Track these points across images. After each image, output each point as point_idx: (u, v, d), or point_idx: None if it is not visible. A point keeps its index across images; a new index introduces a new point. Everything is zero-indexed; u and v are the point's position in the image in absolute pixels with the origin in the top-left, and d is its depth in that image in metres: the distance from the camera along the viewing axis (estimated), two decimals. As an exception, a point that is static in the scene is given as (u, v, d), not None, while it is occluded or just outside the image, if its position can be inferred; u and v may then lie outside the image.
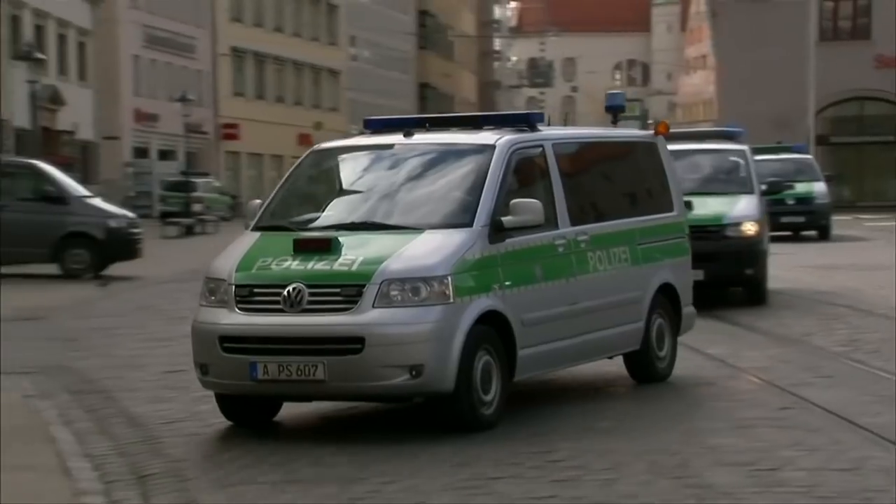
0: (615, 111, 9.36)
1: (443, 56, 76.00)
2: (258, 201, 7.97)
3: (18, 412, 8.42)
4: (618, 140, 9.15)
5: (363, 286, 6.24)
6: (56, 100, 38.63)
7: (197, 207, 40.15)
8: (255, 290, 6.58)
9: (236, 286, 6.57)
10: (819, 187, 26.13)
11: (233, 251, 7.16)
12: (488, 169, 6.82)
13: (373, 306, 6.22)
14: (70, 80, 42.48)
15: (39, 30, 39.42)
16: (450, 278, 6.27)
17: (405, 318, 6.26)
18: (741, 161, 14.22)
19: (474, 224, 6.54)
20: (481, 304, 6.39)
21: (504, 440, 6.91)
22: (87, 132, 43.52)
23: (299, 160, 8.15)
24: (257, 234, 7.12)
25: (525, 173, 7.36)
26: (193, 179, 42.89)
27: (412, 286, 6.26)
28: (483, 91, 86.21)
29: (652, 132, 8.95)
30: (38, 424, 7.98)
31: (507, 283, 6.62)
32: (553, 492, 5.56)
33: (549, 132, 7.83)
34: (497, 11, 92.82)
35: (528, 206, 6.65)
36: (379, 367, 6.22)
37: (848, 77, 41.57)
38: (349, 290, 6.30)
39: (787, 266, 18.56)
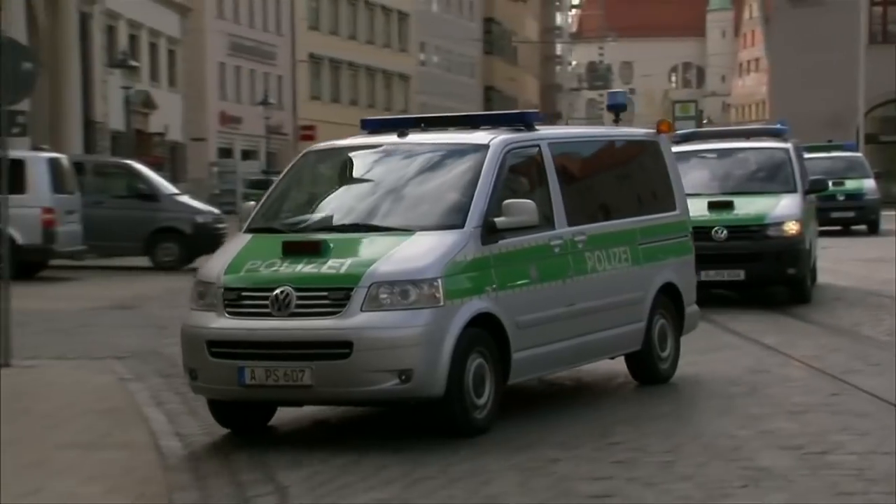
0: (616, 110, 9.28)
1: (507, 61, 78.04)
2: (252, 203, 7.62)
3: (114, 394, 8.53)
4: (618, 139, 8.85)
5: (351, 289, 5.99)
6: (148, 104, 39.77)
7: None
8: (244, 293, 6.30)
9: (224, 289, 6.28)
10: (868, 184, 26.15)
11: (223, 254, 7.00)
12: (481, 169, 6.54)
13: (361, 310, 5.97)
14: (161, 85, 43.65)
15: (133, 39, 40.68)
16: (440, 281, 6.01)
17: (394, 322, 6.00)
18: (785, 158, 13.64)
19: (466, 225, 6.27)
20: (473, 306, 6.13)
21: (566, 424, 6.98)
22: (176, 134, 44.72)
23: (293, 161, 7.88)
24: (248, 237, 6.83)
25: (521, 173, 7.12)
26: (274, 178, 43.31)
27: (401, 289, 6.00)
28: (545, 94, 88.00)
29: (654, 131, 8.76)
30: (132, 405, 8.06)
31: (500, 284, 6.34)
32: (612, 473, 5.59)
33: (546, 132, 7.56)
34: (558, 18, 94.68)
35: (521, 207, 6.39)
36: (367, 372, 5.98)
37: (885, 82, 41.16)
38: (337, 294, 6.05)
39: (837, 259, 18.45)
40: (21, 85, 11.12)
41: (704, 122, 64.89)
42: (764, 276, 12.56)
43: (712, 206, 12.40)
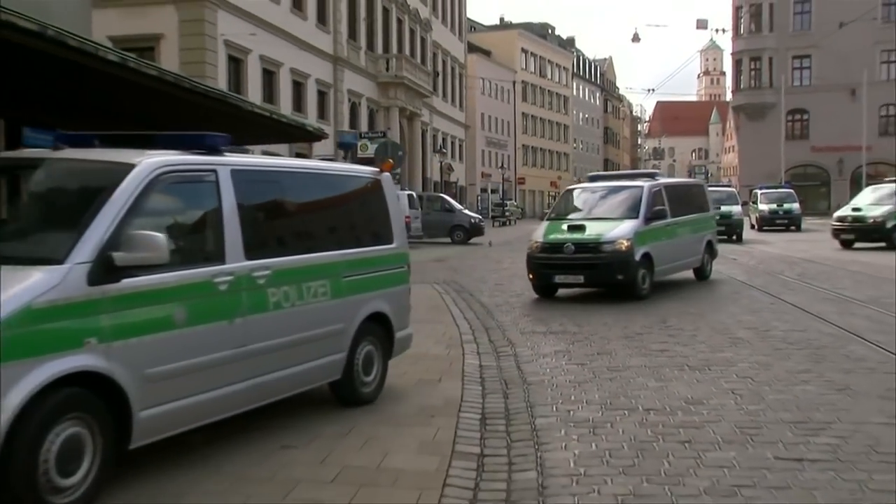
0: (346, 148, 8.12)
1: (614, 146, 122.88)
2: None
3: (436, 299, 13.12)
4: (333, 174, 7.19)
5: None
6: (450, 169, 58.17)
7: (507, 213, 58.58)
8: None
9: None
10: (736, 209, 30.75)
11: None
12: (113, 193, 4.74)
13: None
14: (455, 160, 62.95)
15: (444, 137, 58.58)
16: None
17: None
18: (639, 195, 14.19)
19: (68, 260, 4.38)
20: (60, 364, 4.19)
21: (646, 314, 10.87)
22: (462, 181, 65.36)
23: None
24: None
25: (182, 202, 5.35)
26: (506, 202, 62.41)
27: None
28: (633, 163, 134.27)
29: (377, 169, 7.47)
30: (443, 305, 12.47)
31: (117, 333, 4.51)
32: (666, 339, 9.35)
33: (230, 158, 5.64)
34: (639, 126, 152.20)
35: (145, 241, 4.62)
36: None
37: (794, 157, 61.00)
38: None
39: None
40: (398, 160, 17.63)
41: (703, 175, 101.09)
42: (599, 280, 13.46)
43: (569, 228, 13.81)
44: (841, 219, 25.97)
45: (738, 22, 64.75)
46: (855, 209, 25.84)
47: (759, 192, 39.32)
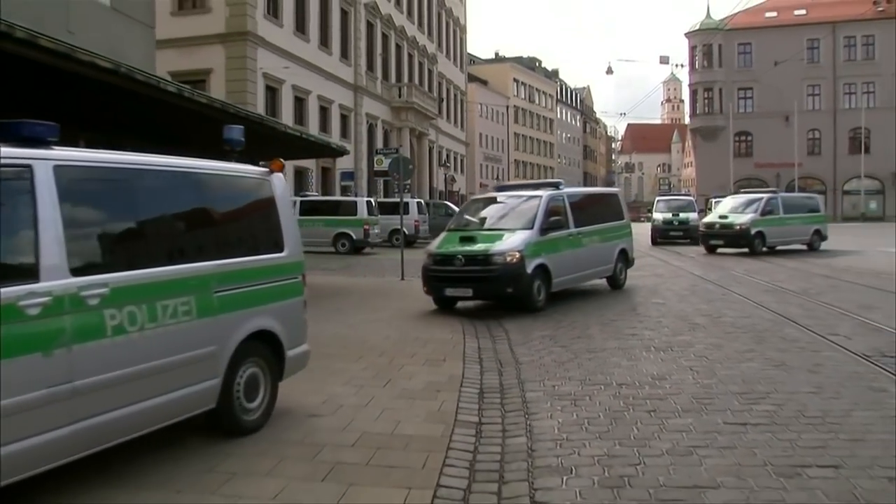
0: (232, 145, 5.51)
1: (592, 161, 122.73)
2: None
3: None
4: (199, 172, 4.94)
5: None
6: (452, 179, 57.02)
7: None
8: None
9: None
10: (693, 216, 28.52)
11: None
12: None
13: None
14: (457, 172, 60.85)
15: (448, 153, 57.00)
16: None
17: None
18: (536, 205, 11.83)
19: None
20: None
21: (620, 302, 10.67)
22: (462, 190, 61.57)
23: None
24: None
25: None
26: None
27: None
28: (608, 174, 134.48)
29: (266, 168, 5.54)
30: None
31: None
32: (637, 324, 9.36)
33: (55, 152, 3.89)
34: (613, 144, 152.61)
35: None
36: None
37: (740, 171, 62.97)
38: None
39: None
40: (407, 173, 16.79)
41: (666, 188, 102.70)
42: (488, 293, 11.11)
43: (461, 240, 11.49)
44: (709, 225, 23.75)
45: (693, 59, 65.44)
46: (722, 216, 23.63)
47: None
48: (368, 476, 4.29)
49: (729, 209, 23.86)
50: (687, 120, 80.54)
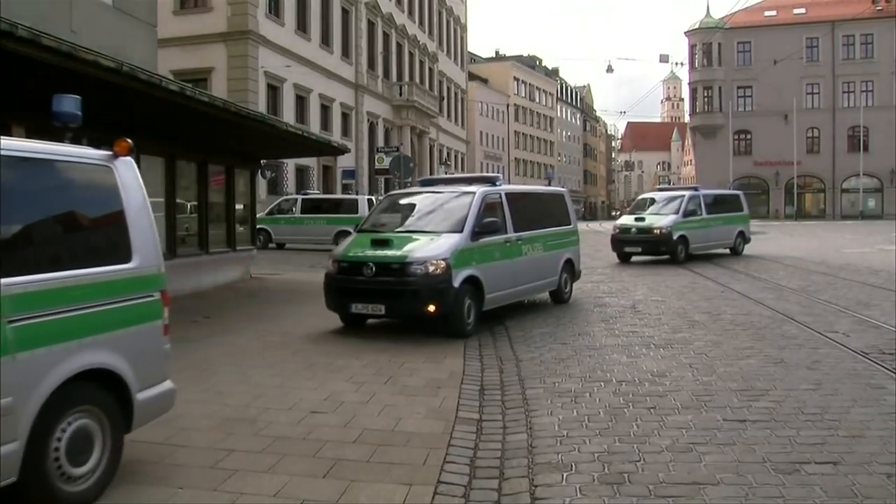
0: (63, 119, 4.01)
1: (592, 159, 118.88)
2: None
3: None
4: (14, 154, 3.51)
5: None
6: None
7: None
8: None
9: None
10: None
11: None
12: None
13: None
14: (458, 170, 57.97)
15: (448, 152, 57.01)
16: None
17: None
18: (468, 202, 9.52)
19: None
20: None
21: (620, 299, 10.46)
22: None
23: None
24: None
25: None
26: None
27: None
28: (608, 172, 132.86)
29: (108, 152, 4.12)
30: None
31: None
32: (636, 322, 9.29)
33: None
34: (613, 143, 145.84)
35: None
36: None
37: (739, 169, 61.15)
38: None
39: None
40: (407, 171, 17.12)
41: (667, 185, 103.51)
42: (403, 311, 8.78)
43: (374, 244, 8.98)
44: (624, 229, 19.31)
45: (693, 57, 65.33)
46: (638, 219, 19.31)
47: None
48: (369, 472, 4.30)
49: (648, 210, 19.91)
50: (687, 118, 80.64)
